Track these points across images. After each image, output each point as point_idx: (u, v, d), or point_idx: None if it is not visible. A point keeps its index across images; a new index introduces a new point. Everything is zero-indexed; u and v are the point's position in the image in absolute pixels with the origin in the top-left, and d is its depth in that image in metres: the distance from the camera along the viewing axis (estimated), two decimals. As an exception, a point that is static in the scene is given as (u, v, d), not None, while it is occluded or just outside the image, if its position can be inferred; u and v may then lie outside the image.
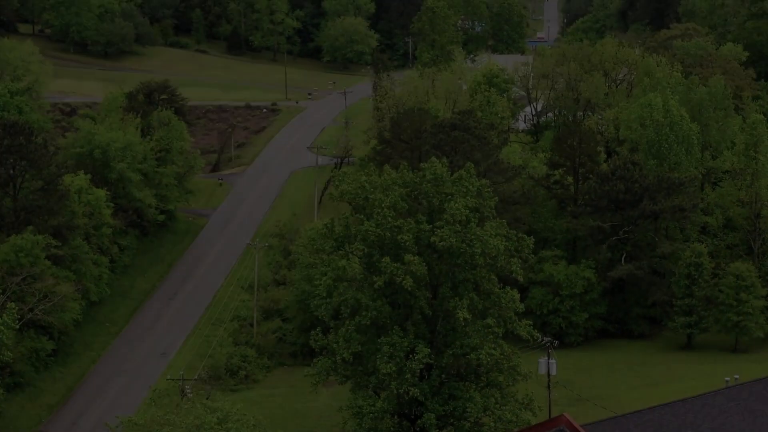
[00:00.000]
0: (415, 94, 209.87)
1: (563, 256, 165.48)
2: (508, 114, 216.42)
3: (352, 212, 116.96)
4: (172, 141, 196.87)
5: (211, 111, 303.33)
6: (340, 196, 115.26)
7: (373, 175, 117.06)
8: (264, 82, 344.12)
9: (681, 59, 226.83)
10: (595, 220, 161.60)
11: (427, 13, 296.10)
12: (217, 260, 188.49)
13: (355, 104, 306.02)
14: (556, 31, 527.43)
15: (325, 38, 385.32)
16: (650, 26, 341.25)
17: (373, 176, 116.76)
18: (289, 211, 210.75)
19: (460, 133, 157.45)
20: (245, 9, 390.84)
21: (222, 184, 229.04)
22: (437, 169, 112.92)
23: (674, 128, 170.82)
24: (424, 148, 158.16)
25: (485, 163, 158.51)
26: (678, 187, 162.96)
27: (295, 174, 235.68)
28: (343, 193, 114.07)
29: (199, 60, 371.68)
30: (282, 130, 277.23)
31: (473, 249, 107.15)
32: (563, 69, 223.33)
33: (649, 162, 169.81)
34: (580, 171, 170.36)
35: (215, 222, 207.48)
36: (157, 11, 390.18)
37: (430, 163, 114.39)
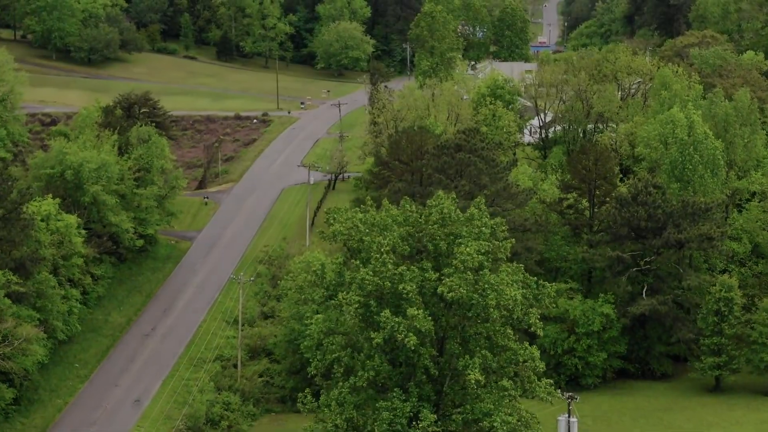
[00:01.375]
0: (414, 107, 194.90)
1: (578, 289, 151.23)
2: (515, 129, 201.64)
3: (346, 254, 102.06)
4: (152, 159, 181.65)
5: (199, 122, 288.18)
6: (332, 237, 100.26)
7: (369, 210, 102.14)
8: (255, 90, 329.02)
9: (698, 69, 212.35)
10: (614, 250, 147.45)
11: (425, 18, 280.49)
12: (200, 290, 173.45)
13: (351, 114, 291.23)
14: (556, 35, 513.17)
15: (319, 44, 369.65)
16: (658, 32, 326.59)
17: (369, 212, 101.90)
18: (279, 233, 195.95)
19: (465, 155, 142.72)
20: (236, 13, 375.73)
21: (207, 203, 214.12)
22: (444, 206, 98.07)
23: (698, 148, 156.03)
24: (426, 172, 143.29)
25: (494, 187, 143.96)
26: (704, 213, 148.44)
27: (286, 191, 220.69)
28: (335, 234, 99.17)
29: (187, 67, 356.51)
30: (273, 143, 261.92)
31: (487, 300, 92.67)
32: (572, 79, 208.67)
33: (671, 185, 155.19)
34: (595, 194, 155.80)
35: (199, 246, 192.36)
36: (143, 16, 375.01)
37: (436, 199, 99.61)
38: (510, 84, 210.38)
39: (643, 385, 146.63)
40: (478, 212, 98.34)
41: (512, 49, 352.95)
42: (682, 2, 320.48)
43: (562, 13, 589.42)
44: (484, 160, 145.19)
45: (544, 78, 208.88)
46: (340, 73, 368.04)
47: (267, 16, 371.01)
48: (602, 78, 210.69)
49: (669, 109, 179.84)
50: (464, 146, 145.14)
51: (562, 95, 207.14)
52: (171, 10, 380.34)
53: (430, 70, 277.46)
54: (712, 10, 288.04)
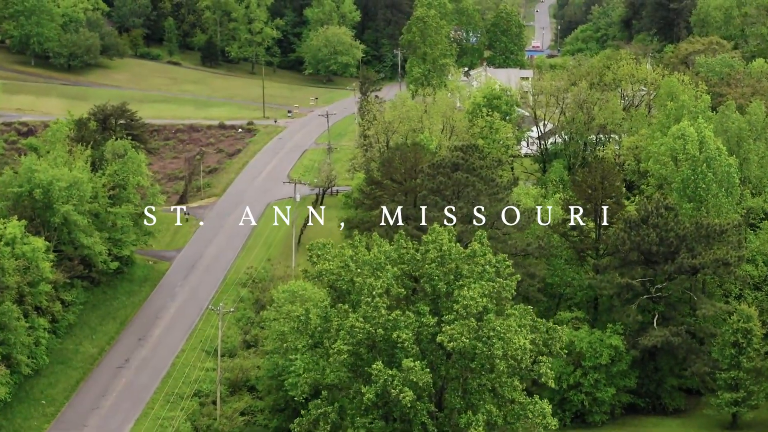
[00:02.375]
0: (407, 118, 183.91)
1: (584, 318, 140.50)
2: (513, 142, 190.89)
3: (333, 294, 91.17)
4: (128, 176, 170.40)
5: (182, 131, 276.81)
6: (318, 278, 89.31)
7: (359, 246, 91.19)
8: (240, 97, 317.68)
9: (705, 78, 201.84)
10: (623, 276, 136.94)
11: (417, 23, 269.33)
12: (179, 316, 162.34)
13: (340, 122, 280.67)
14: (549, 39, 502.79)
15: (307, 49, 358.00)
16: (658, 37, 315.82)
17: (359, 248, 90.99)
18: (264, 253, 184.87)
19: (462, 175, 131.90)
20: (221, 18, 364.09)
21: (189, 219, 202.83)
22: (443, 242, 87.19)
23: (712, 165, 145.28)
24: (421, 193, 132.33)
25: (493, 209, 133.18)
26: (719, 236, 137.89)
27: (271, 207, 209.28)
28: (321, 273, 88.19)
29: (171, 73, 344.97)
30: (258, 154, 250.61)
31: (492, 350, 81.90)
32: (573, 88, 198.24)
33: (683, 205, 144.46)
34: (602, 215, 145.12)
35: (179, 266, 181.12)
36: (126, 20, 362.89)
37: (433, 233, 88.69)
38: (508, 94, 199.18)
39: (655, 421, 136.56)
40: (481, 248, 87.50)
41: (507, 55, 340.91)
42: (683, 6, 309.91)
43: (555, 17, 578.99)
44: (483, 179, 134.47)
45: (543, 87, 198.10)
46: (328, 79, 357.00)
47: (253, 20, 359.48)
48: (604, 87, 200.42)
49: (676, 121, 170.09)
50: (461, 165, 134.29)
51: (562, 105, 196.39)
52: (154, 14, 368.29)
53: (422, 78, 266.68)
54: (714, 14, 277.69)
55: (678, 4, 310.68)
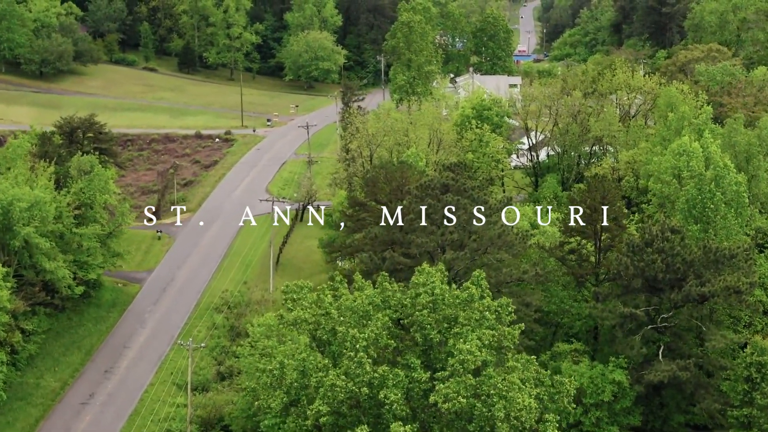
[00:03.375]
0: (391, 131, 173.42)
1: (584, 350, 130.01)
2: (504, 156, 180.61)
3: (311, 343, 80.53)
4: (95, 194, 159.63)
5: (157, 141, 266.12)
6: (294, 325, 78.68)
7: (341, 288, 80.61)
8: (218, 105, 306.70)
9: (705, 87, 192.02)
10: (626, 305, 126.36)
11: (401, 29, 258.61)
12: (148, 345, 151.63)
13: (322, 132, 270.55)
14: (534, 42, 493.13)
15: (287, 55, 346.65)
16: (650, 42, 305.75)
17: (341, 290, 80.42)
18: (240, 274, 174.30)
19: (453, 197, 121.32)
20: (199, 22, 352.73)
21: (161, 237, 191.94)
22: (435, 285, 76.70)
23: (720, 183, 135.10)
24: (408, 217, 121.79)
25: (486, 234, 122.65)
26: (729, 261, 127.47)
27: (248, 223, 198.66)
28: (297, 321, 77.61)
29: (146, 79, 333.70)
30: (236, 166, 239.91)
31: (492, 410, 71.38)
32: (566, 98, 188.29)
33: (689, 227, 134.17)
34: (603, 237, 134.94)
35: (149, 289, 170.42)
36: (101, 25, 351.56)
37: (423, 275, 78.20)
38: (498, 104, 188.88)
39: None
40: (478, 290, 76.98)
41: (494, 61, 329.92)
42: (675, 11, 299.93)
43: (540, 20, 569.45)
44: (475, 201, 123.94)
45: (535, 96, 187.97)
46: (309, 86, 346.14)
47: (232, 25, 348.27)
48: (599, 96, 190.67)
49: (676, 134, 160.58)
50: (451, 186, 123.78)
51: (554, 116, 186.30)
52: (130, 18, 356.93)
53: (407, 85, 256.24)
54: (709, 19, 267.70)
55: (670, 8, 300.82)
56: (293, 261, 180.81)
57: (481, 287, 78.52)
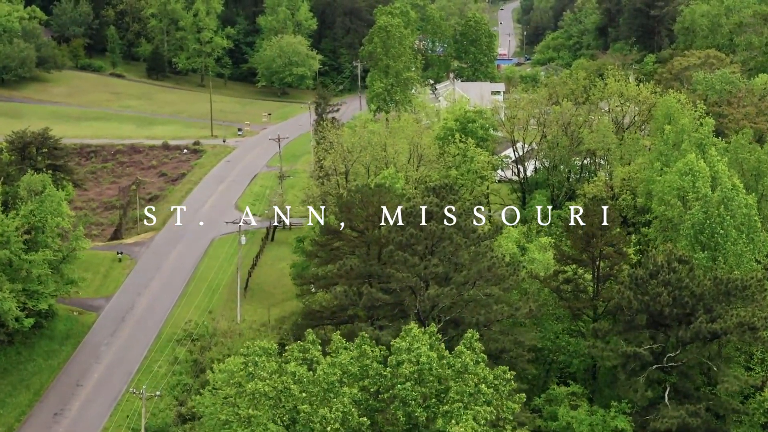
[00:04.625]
0: (369, 146, 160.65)
1: (583, 393, 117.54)
2: (490, 171, 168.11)
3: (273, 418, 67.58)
4: (46, 217, 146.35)
5: (122, 152, 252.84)
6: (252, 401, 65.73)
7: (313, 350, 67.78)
8: (187, 113, 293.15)
9: (703, 96, 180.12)
10: (629, 343, 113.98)
11: (379, 33, 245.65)
12: (103, 383, 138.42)
13: (295, 141, 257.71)
14: (514, 45, 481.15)
15: (260, 60, 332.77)
16: (638, 45, 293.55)
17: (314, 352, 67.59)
18: (206, 302, 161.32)
19: (437, 225, 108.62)
20: (168, 26, 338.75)
21: (122, 260, 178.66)
22: (421, 350, 64.03)
23: (729, 206, 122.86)
24: (387, 249, 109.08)
25: (475, 267, 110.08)
26: (741, 293, 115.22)
27: (216, 243, 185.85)
28: (255, 396, 64.71)
29: (113, 86, 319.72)
30: (204, 179, 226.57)
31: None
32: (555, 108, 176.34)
33: (696, 254, 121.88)
34: (601, 265, 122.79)
35: (107, 318, 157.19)
36: (66, 29, 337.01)
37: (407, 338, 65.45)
38: (482, 116, 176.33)
39: None
40: (472, 355, 64.35)
41: (476, 66, 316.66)
42: (664, 14, 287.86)
43: (519, 21, 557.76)
44: (462, 230, 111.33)
45: (522, 107, 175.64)
46: (283, 92, 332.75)
47: (203, 29, 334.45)
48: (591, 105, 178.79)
49: (675, 148, 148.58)
50: (435, 213, 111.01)
51: (543, 128, 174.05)
52: (96, 23, 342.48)
53: (385, 93, 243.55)
54: (700, 22, 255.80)
55: (659, 11, 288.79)
56: (263, 286, 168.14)
57: (476, 352, 66.11)
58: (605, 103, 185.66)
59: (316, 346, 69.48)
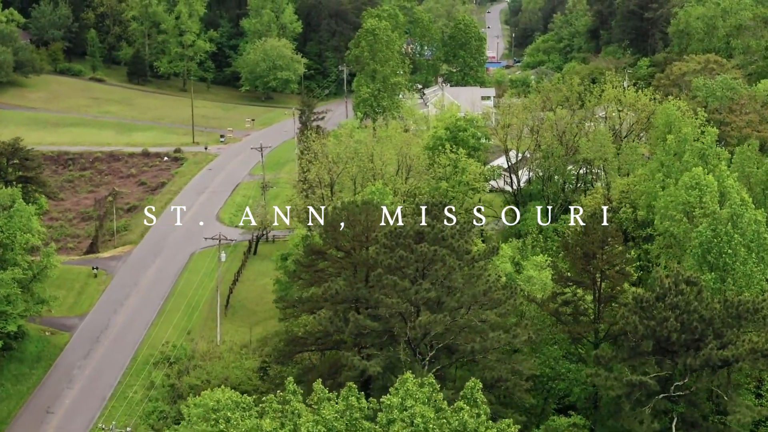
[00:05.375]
0: (355, 157, 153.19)
1: (585, 425, 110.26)
2: (482, 183, 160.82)
3: None
4: (15, 233, 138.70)
5: (101, 159, 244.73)
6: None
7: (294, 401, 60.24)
8: (168, 119, 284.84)
9: (703, 102, 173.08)
10: (634, 371, 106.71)
11: (366, 37, 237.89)
12: (75, 410, 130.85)
13: (279, 149, 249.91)
14: (503, 47, 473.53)
15: (243, 63, 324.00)
16: (631, 49, 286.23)
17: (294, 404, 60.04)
18: (185, 321, 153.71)
19: (429, 247, 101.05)
20: (149, 29, 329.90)
21: (97, 275, 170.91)
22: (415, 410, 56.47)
23: (738, 223, 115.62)
24: (376, 271, 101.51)
25: (470, 291, 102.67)
26: (752, 316, 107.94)
27: (195, 257, 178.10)
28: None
29: (93, 91, 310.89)
30: (184, 189, 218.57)
31: None
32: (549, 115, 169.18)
33: (704, 275, 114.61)
34: (602, 286, 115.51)
35: (81, 338, 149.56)
36: (44, 33, 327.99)
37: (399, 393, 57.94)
38: (474, 124, 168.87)
39: None
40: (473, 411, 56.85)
41: (465, 71, 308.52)
42: (658, 16, 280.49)
43: (507, 23, 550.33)
44: (456, 251, 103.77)
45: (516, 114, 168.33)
46: (267, 97, 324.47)
47: (185, 32, 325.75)
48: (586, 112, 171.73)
49: (677, 158, 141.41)
50: (427, 234, 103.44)
51: (537, 137, 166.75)
52: (76, 25, 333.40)
53: (371, 98, 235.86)
54: (696, 25, 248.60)
55: (653, 13, 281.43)
56: (245, 303, 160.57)
57: (478, 403, 58.76)
58: (601, 109, 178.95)
59: (297, 397, 61.95)
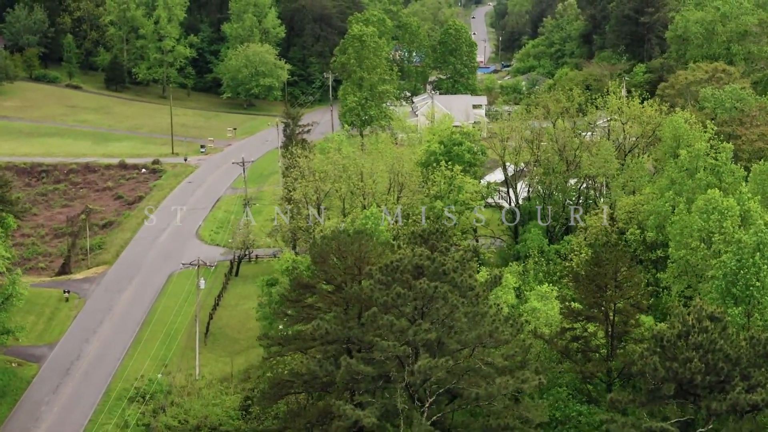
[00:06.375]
0: (344, 174, 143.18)
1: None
2: (479, 200, 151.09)
3: None
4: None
5: (76, 171, 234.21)
6: None
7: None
8: (147, 128, 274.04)
9: (711, 114, 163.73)
10: (654, 418, 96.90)
11: (352, 43, 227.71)
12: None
13: (262, 160, 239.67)
14: (489, 51, 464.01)
15: (224, 69, 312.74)
16: (627, 54, 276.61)
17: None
18: (161, 351, 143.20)
19: (429, 283, 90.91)
20: (128, 34, 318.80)
21: (69, 299, 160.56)
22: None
23: (764, 252, 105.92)
24: (371, 310, 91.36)
25: (474, 332, 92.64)
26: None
27: (174, 279, 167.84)
28: None
29: (69, 99, 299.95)
30: (163, 203, 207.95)
31: None
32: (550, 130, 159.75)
33: (729, 309, 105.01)
34: (615, 320, 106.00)
35: (50, 371, 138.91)
36: (19, 38, 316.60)
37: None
38: (471, 138, 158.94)
39: None
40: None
41: (456, 78, 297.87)
42: (655, 20, 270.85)
43: (492, 26, 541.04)
44: (458, 287, 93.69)
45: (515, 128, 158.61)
46: (250, 104, 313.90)
47: (164, 37, 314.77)
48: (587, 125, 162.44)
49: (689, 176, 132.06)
50: (427, 268, 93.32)
51: (537, 152, 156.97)
52: (52, 31, 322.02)
53: (358, 108, 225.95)
54: (694, 30, 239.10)
55: (649, 17, 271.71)
56: (226, 330, 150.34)
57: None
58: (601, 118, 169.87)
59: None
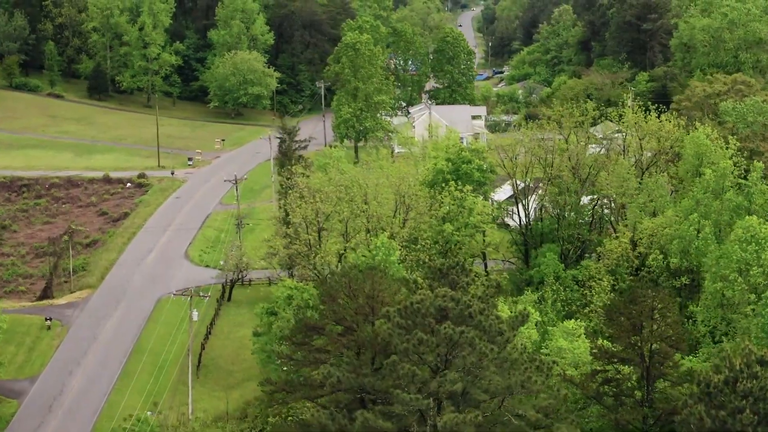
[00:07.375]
0: (346, 196, 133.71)
1: None
2: (490, 223, 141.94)
3: None
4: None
5: (58, 186, 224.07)
6: None
7: None
8: (131, 139, 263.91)
9: (732, 129, 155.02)
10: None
11: (346, 52, 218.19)
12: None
13: (253, 173, 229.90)
14: (479, 56, 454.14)
15: (211, 78, 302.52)
16: (628, 62, 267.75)
17: None
18: (150, 384, 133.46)
19: (455, 329, 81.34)
20: (111, 41, 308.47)
21: (51, 327, 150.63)
22: None
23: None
24: (389, 360, 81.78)
25: (504, 383, 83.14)
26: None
27: (162, 304, 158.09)
28: None
29: (50, 108, 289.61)
30: (149, 221, 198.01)
31: None
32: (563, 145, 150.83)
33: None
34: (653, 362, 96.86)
35: (31, 409, 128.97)
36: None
37: None
38: (480, 155, 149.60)
39: None
40: None
41: (453, 87, 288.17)
42: (658, 27, 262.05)
43: (480, 31, 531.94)
44: (486, 332, 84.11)
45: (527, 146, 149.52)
46: (237, 113, 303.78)
47: (149, 44, 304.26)
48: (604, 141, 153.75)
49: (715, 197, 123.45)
50: (451, 310, 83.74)
51: (550, 171, 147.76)
52: (33, 37, 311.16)
53: (353, 119, 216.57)
54: (700, 37, 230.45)
55: (652, 24, 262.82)
56: (219, 361, 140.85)
57: None
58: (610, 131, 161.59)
59: None
